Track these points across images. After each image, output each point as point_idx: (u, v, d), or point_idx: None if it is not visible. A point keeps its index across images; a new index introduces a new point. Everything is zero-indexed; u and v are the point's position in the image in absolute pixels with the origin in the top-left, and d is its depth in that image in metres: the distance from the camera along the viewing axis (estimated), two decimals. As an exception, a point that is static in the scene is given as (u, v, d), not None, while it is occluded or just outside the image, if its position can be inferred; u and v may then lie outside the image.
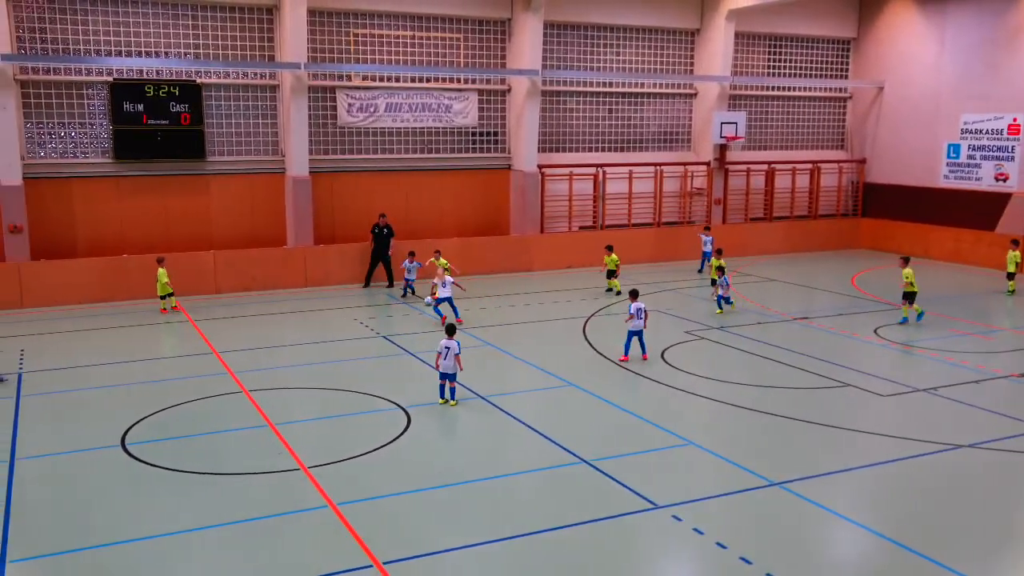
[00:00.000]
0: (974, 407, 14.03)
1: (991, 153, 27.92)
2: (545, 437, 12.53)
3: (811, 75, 32.00)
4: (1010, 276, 23.56)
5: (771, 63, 31.45)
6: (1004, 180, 27.59)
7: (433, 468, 11.44)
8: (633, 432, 12.82)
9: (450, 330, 14.30)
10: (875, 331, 18.97)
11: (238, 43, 23.77)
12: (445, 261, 20.60)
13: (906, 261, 19.46)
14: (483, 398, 14.29)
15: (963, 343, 18.06)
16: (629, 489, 10.68)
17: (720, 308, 20.66)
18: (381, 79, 25.43)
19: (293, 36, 23.24)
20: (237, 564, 8.99)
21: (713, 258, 22.09)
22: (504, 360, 16.86)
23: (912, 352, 17.41)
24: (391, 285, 23.99)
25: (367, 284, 24.14)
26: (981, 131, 28.19)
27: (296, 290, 23.60)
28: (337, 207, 25.20)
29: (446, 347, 13.75)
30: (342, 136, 25.28)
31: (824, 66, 32.26)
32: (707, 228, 27.69)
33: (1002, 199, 27.54)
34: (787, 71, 31.66)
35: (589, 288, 23.82)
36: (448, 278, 19.39)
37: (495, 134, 27.38)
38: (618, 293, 22.68)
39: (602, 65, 28.57)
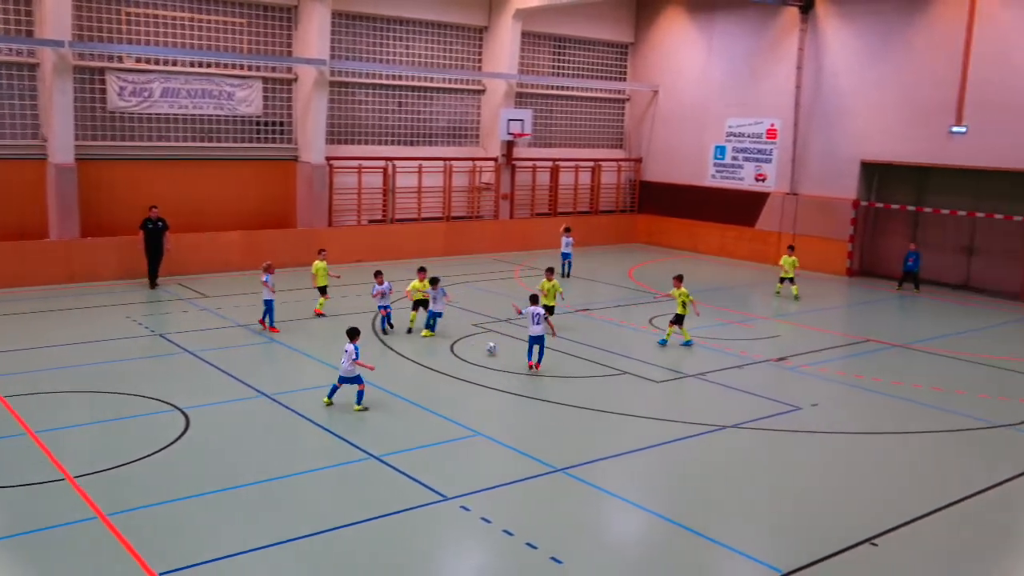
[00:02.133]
0: (738, 390, 15.14)
1: (752, 155, 30.23)
2: (333, 434, 12.33)
3: (593, 76, 33.34)
4: (783, 280, 23.63)
5: (556, 63, 32.48)
6: (763, 180, 29.95)
7: (214, 471, 10.96)
8: (422, 426, 12.85)
9: (352, 333, 13.58)
10: (650, 321, 20.04)
11: (-9, 16, 21.70)
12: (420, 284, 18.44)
13: (680, 280, 17.92)
14: (268, 396, 13.86)
15: (728, 331, 19.45)
16: (418, 482, 10.70)
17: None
18: (157, 62, 24.01)
19: (55, 11, 21.45)
20: (-9, 586, 8.23)
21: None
22: (293, 357, 16.42)
23: (683, 340, 18.50)
24: (154, 286, 22.13)
25: (154, 284, 22.22)
26: (744, 135, 30.46)
27: (59, 286, 21.82)
28: (107, 198, 23.51)
29: (345, 350, 13.28)
30: (113, 121, 23.63)
31: (605, 68, 33.70)
32: (567, 229, 26.15)
33: (761, 198, 29.90)
34: (571, 72, 32.82)
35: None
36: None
37: (281, 124, 26.57)
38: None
39: (392, 58, 28.40)
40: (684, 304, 17.75)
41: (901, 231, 27.39)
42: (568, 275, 25.37)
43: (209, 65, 24.81)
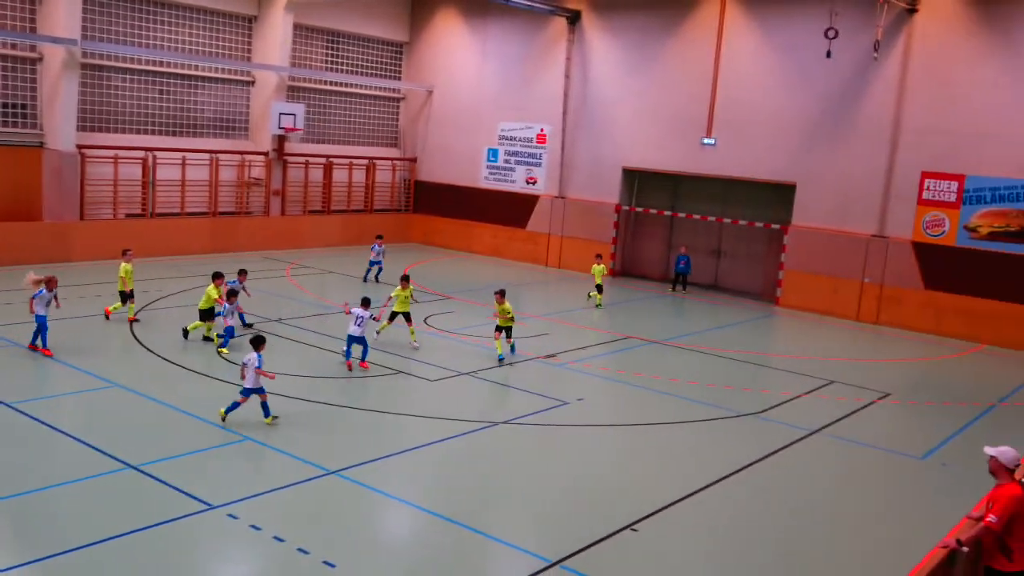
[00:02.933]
0: (510, 387, 15.55)
1: (523, 159, 31.14)
2: (85, 444, 11.44)
3: (367, 74, 33.05)
4: (599, 288, 23.72)
5: (330, 58, 31.92)
6: (533, 183, 30.93)
7: (-57, 489, 9.87)
8: (185, 432, 12.22)
9: (257, 342, 12.73)
10: (425, 320, 20.15)
11: None
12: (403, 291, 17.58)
13: (503, 295, 17.28)
14: (8, 405, 12.64)
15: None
16: (181, 491, 10.16)
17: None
18: None
19: None
20: None
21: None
22: (36, 361, 15.07)
23: (457, 339, 18.75)
24: None
25: None
26: (515, 138, 31.31)
27: None
28: None
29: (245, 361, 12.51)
30: None
31: (379, 66, 33.51)
32: (379, 237, 25.23)
33: (532, 200, 30.86)
34: (345, 68, 32.36)
35: (138, 280, 22.17)
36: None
37: (23, 107, 24.32)
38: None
39: (153, 43, 26.76)
40: (511, 316, 17.14)
41: (659, 234, 29.21)
42: (377, 280, 24.40)
43: (-63, 38, 22.31)
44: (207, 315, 16.81)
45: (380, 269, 24.90)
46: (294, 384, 14.66)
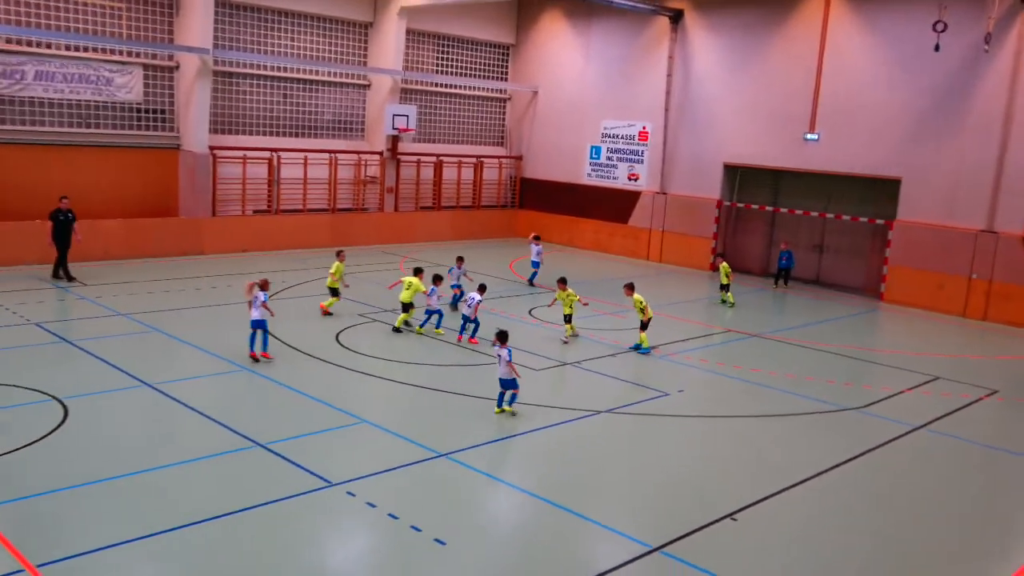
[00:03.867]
0: (612, 377, 15.52)
1: (625, 156, 30.95)
2: (217, 423, 12.00)
3: (476, 76, 33.40)
4: (724, 288, 22.75)
5: (440, 61, 32.38)
6: (635, 180, 30.71)
7: (94, 461, 10.49)
8: (308, 413, 12.66)
9: (502, 336, 13.25)
10: (530, 312, 20.28)
11: None
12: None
13: (632, 288, 17.56)
14: (149, 385, 13.36)
15: (602, 321, 19.88)
16: (304, 469, 10.55)
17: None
18: (30, 43, 22.70)
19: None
20: None
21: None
22: (173, 345, 15.86)
23: (560, 330, 18.80)
24: (61, 275, 20.78)
25: (68, 277, 20.72)
26: (618, 136, 31.13)
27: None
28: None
29: (497, 355, 13.02)
30: (-17, 104, 22.25)
31: (487, 68, 33.81)
32: (536, 237, 24.41)
33: (633, 196, 30.65)
34: (455, 70, 32.78)
35: (263, 273, 23.07)
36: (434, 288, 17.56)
37: (162, 112, 25.55)
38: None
39: (277, 50, 27.72)
40: (644, 309, 17.20)
41: (760, 229, 28.59)
42: (532, 283, 23.76)
43: (87, 49, 23.63)
44: (408, 307, 17.80)
45: (535, 273, 23.84)
46: (406, 371, 15.00)
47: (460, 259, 20.88)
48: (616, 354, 17.03)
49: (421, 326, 17.72)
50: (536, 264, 23.89)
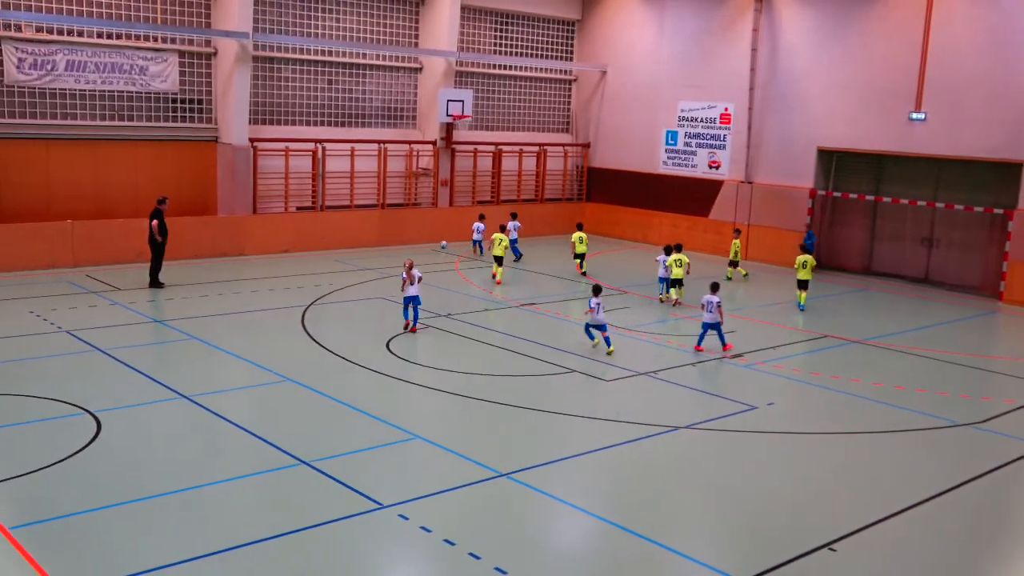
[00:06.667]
0: (692, 388, 15.35)
1: (705, 141, 30.64)
2: (259, 438, 12.18)
3: (537, 55, 33.43)
4: (732, 264, 25.80)
5: (498, 41, 32.49)
6: (716, 168, 30.38)
7: (129, 479, 10.74)
8: (356, 428, 12.78)
9: (596, 290, 17.26)
10: (599, 316, 20.18)
11: None
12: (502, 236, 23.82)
13: (805, 249, 21.43)
14: (187, 398, 13.64)
15: (682, 326, 19.69)
16: (352, 489, 10.64)
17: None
18: (60, 32, 23.43)
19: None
20: None
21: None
22: (212, 355, 16.16)
23: (634, 336, 18.69)
24: (159, 283, 21.26)
25: (159, 283, 21.25)
26: (697, 119, 30.84)
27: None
28: (3, 181, 22.90)
29: (597, 303, 16.85)
30: (12, 96, 22.99)
31: (550, 47, 33.81)
32: (513, 215, 28.08)
33: (715, 186, 30.33)
34: (514, 50, 32.86)
35: (308, 274, 23.44)
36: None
37: (199, 102, 26.12)
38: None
39: (321, 32, 28.12)
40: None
41: (860, 222, 28.03)
42: (517, 259, 26.75)
43: (119, 36, 24.29)
44: (500, 260, 23.51)
45: (516, 250, 26.87)
46: (462, 381, 15.05)
47: (513, 215, 27.19)
48: (696, 363, 16.84)
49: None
50: (516, 248, 26.78)
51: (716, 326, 17.34)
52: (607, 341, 17.09)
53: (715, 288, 17.65)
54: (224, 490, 10.65)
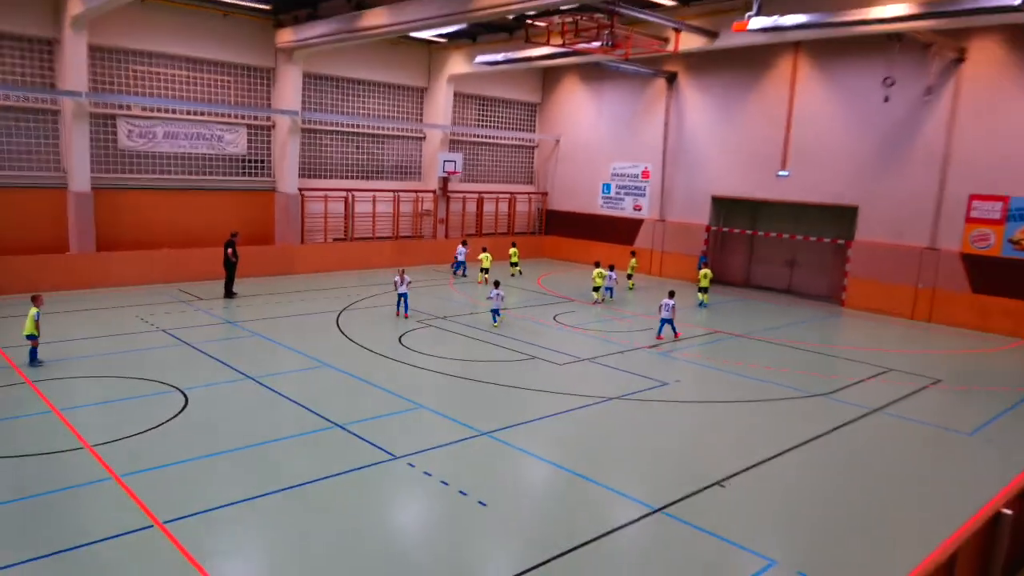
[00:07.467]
0: (621, 370, 15.43)
1: (631, 191, 30.82)
2: (305, 408, 12.14)
3: (509, 128, 33.51)
4: (628, 276, 26.06)
5: (481, 117, 32.56)
6: (639, 210, 30.56)
7: (209, 439, 10.67)
8: (376, 401, 12.75)
9: (496, 284, 18.56)
10: (554, 318, 20.25)
11: (18, 71, 20.67)
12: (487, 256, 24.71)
13: (705, 264, 22.00)
14: (252, 378, 13.55)
15: (612, 324, 19.79)
16: (373, 445, 10.63)
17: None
18: (159, 110, 23.25)
19: (74, 66, 20.61)
20: (13, 538, 7.85)
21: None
22: (270, 347, 16.07)
23: (579, 332, 18.77)
24: (233, 294, 21.03)
25: (232, 294, 21.03)
26: (625, 175, 31.02)
27: (79, 292, 20.94)
28: (119, 220, 22.67)
29: (497, 294, 18.16)
30: (123, 158, 22.78)
31: (519, 122, 33.92)
32: (464, 241, 27.74)
33: (638, 223, 30.50)
34: (493, 124, 32.93)
35: (341, 288, 23.35)
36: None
37: (262, 162, 25.99)
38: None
39: (351, 110, 28.08)
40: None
41: (741, 249, 28.30)
42: (464, 275, 26.80)
43: (203, 114, 24.14)
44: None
45: (464, 269, 26.83)
46: (455, 366, 15.04)
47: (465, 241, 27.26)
48: (624, 352, 16.94)
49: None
50: (462, 263, 26.89)
51: (670, 321, 17.85)
52: (495, 317, 18.60)
53: (672, 295, 18.13)
54: (281, 446, 10.60)
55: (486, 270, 25.28)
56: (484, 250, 26.11)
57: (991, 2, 15.24)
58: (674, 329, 18.24)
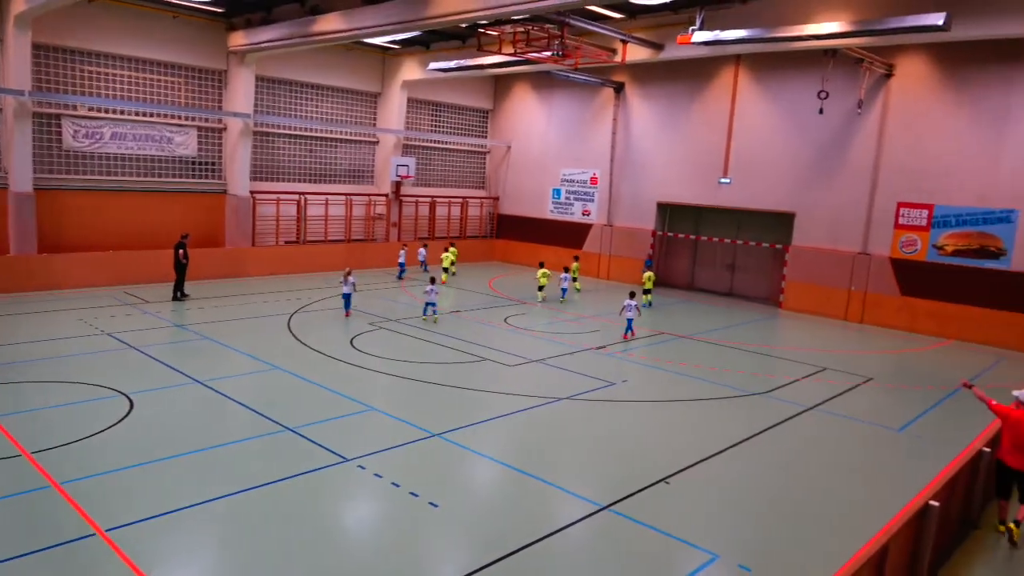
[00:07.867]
0: (569, 371, 15.48)
1: (580, 197, 31.03)
2: (255, 412, 11.85)
3: (462, 133, 33.42)
4: (573, 279, 25.22)
5: (434, 122, 32.38)
6: (587, 215, 30.79)
7: (156, 444, 10.31)
8: (327, 403, 12.53)
9: (432, 280, 19.10)
10: (505, 320, 20.24)
11: (-44, 67, 19.73)
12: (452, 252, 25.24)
13: (649, 267, 22.10)
14: (200, 382, 13.17)
15: (562, 327, 19.86)
16: (324, 448, 10.43)
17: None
18: (107, 111, 22.46)
19: (17, 65, 19.78)
20: (-45, 547, 7.45)
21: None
22: (219, 350, 15.66)
23: (529, 334, 18.79)
24: (180, 296, 20.42)
25: (180, 296, 20.41)
26: (574, 180, 31.22)
27: (18, 295, 20.08)
28: (63, 221, 21.81)
29: (432, 289, 18.58)
30: (68, 159, 21.93)
31: (471, 128, 33.85)
32: (404, 245, 28.09)
33: (586, 228, 30.73)
34: (445, 129, 32.79)
35: (293, 291, 22.91)
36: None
37: (213, 164, 25.35)
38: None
39: (304, 114, 27.61)
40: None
41: (685, 253, 28.75)
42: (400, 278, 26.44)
43: (152, 115, 23.42)
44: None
45: (404, 270, 26.89)
46: (405, 368, 14.89)
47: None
48: (573, 352, 17.01)
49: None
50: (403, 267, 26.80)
51: (630, 321, 18.27)
52: (432, 310, 19.17)
53: (632, 295, 18.67)
54: (229, 450, 10.32)
55: (447, 269, 25.54)
56: (446, 249, 26.53)
57: (917, 22, 15.82)
58: (631, 328, 18.49)
